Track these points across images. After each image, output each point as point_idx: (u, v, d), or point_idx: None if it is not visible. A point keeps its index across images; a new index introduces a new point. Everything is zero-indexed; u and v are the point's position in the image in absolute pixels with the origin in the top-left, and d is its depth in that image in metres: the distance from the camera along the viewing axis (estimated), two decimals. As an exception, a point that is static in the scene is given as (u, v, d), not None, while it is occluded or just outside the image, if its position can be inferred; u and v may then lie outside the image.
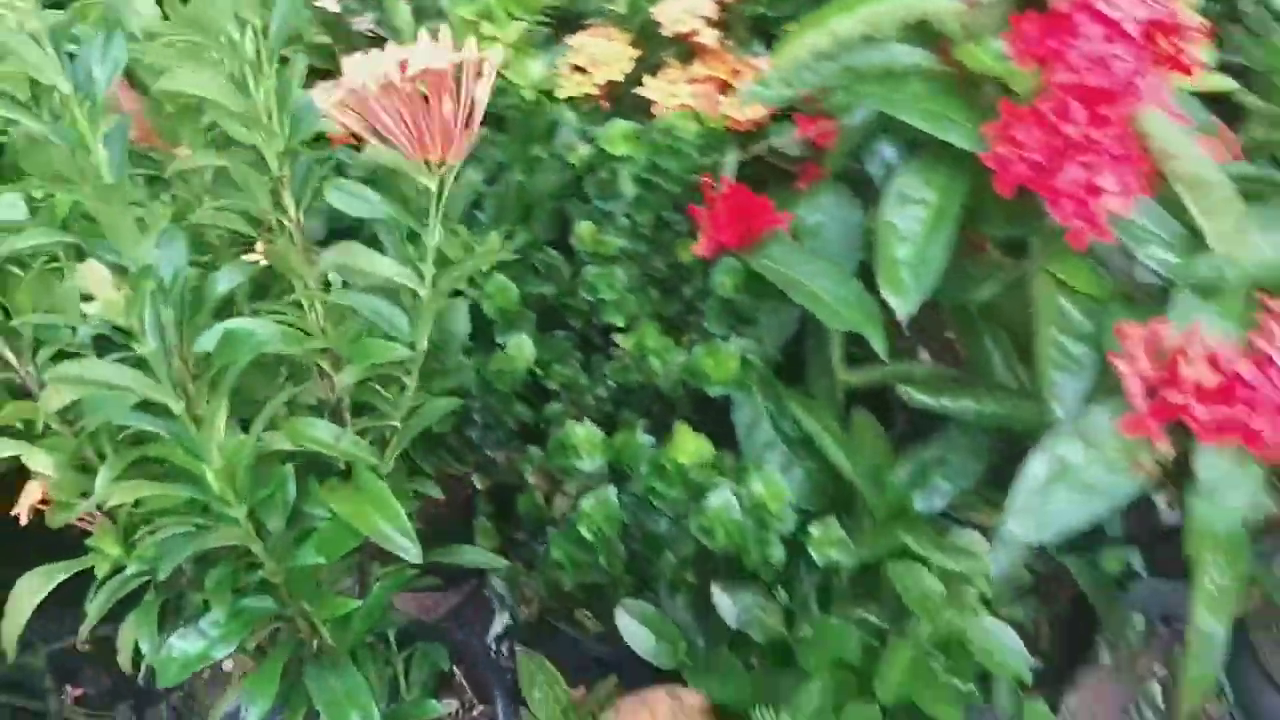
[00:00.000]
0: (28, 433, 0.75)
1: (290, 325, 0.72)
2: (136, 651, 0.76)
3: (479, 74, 0.64)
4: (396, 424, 0.76)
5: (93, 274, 0.59)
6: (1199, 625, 0.76)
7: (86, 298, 0.59)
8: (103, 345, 0.73)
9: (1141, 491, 0.75)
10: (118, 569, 0.74)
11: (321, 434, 0.72)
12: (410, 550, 0.68)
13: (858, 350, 0.89)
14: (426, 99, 0.64)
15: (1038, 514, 0.76)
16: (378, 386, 0.76)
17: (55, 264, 0.74)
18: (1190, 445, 0.73)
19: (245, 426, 0.72)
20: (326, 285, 0.74)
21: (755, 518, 0.84)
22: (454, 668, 0.90)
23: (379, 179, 0.72)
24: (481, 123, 0.66)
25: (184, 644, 0.71)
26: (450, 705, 0.90)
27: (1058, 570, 1.01)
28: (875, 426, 0.93)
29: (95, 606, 0.75)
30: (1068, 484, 0.76)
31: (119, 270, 0.62)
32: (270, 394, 0.73)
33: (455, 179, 0.67)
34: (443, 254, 0.70)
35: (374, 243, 0.71)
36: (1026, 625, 0.95)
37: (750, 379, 0.90)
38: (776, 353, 0.94)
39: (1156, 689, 1.26)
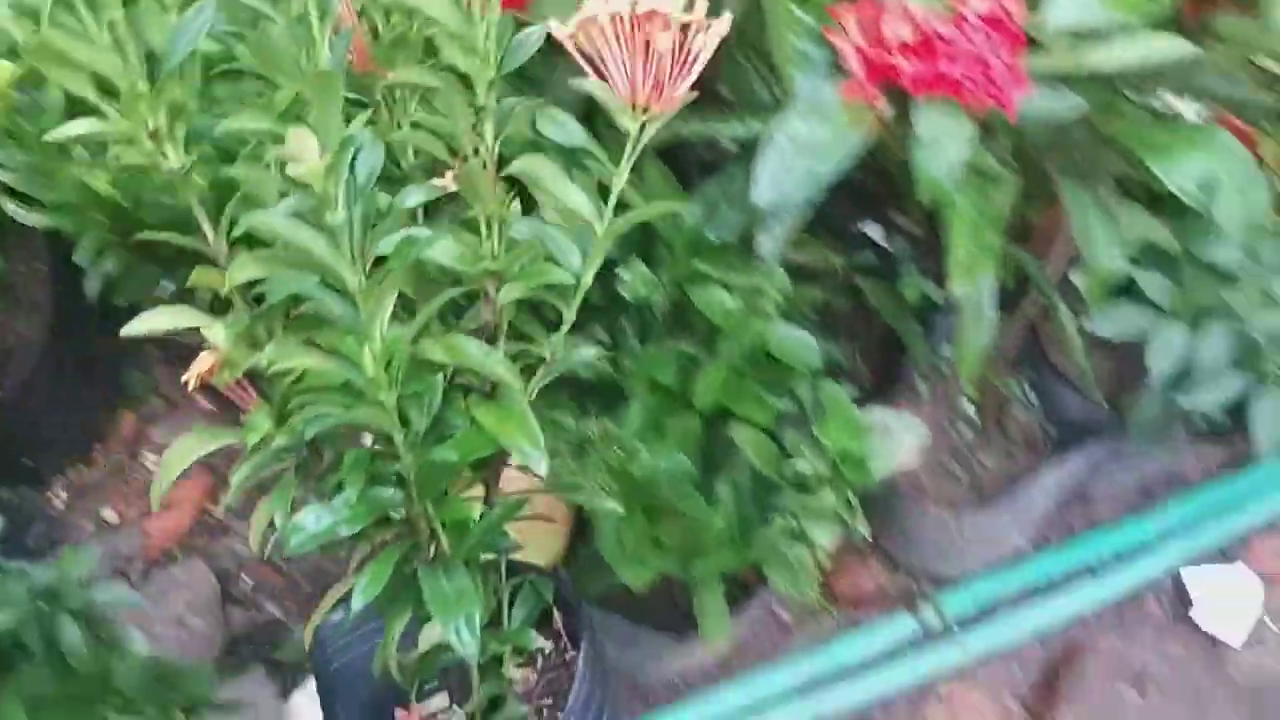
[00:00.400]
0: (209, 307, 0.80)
1: (467, 246, 0.76)
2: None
3: (704, 30, 0.68)
4: (545, 356, 0.79)
5: (301, 140, 0.64)
6: (957, 293, 0.86)
7: (292, 162, 0.64)
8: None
9: (865, 146, 0.83)
10: (265, 442, 0.79)
11: (474, 352, 0.75)
12: (541, 464, 0.71)
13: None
14: (649, 45, 0.67)
15: (779, 180, 0.83)
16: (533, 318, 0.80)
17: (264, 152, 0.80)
18: (909, 105, 0.82)
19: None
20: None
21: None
22: (555, 610, 0.92)
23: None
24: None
25: (313, 518, 0.74)
26: (546, 645, 0.92)
27: (863, 307, 1.16)
28: (666, 173, 1.01)
29: (239, 476, 0.80)
30: (803, 151, 0.83)
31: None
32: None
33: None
34: (623, 198, 0.74)
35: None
36: (840, 360, 1.03)
37: (545, 145, 0.94)
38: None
39: (969, 406, 1.44)
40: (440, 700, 0.96)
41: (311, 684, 1.35)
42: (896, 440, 1.16)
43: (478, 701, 0.87)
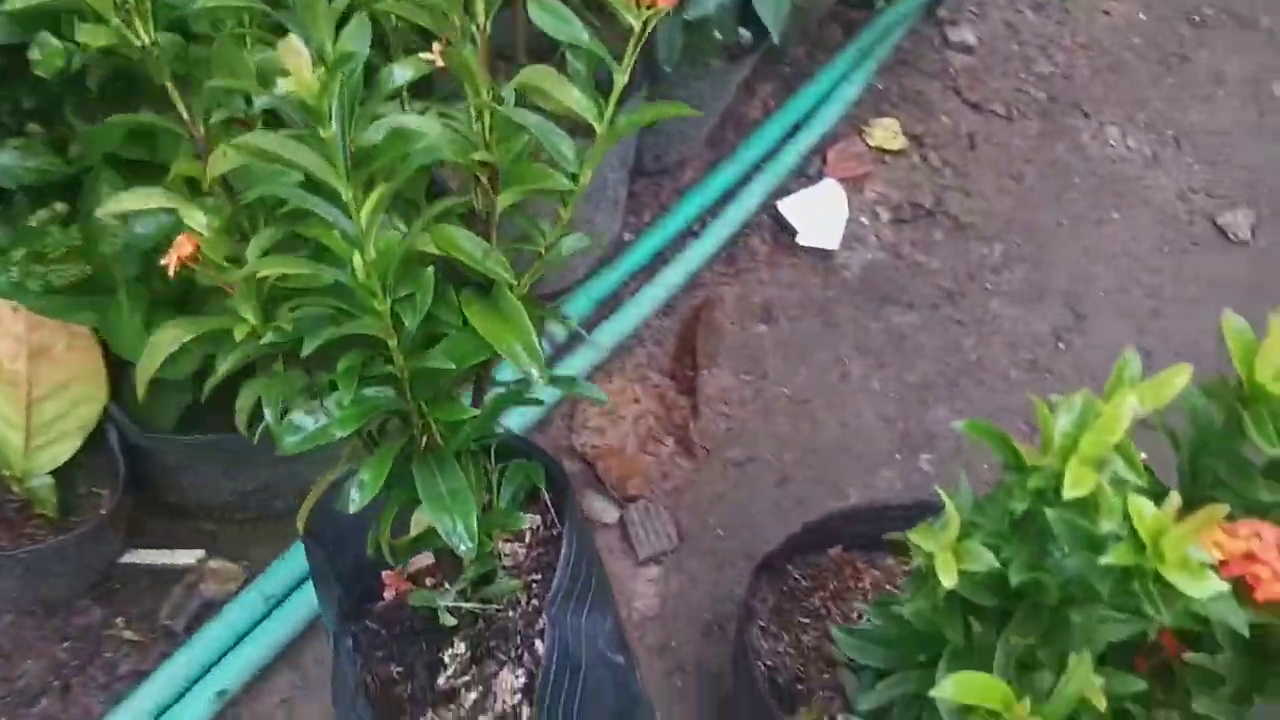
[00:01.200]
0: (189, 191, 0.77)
1: (458, 133, 0.73)
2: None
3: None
4: (541, 251, 0.77)
5: (293, 51, 0.60)
6: None
7: (282, 73, 0.60)
8: (271, 120, 0.75)
9: None
10: (252, 335, 0.77)
11: (467, 245, 0.73)
12: (534, 372, 0.70)
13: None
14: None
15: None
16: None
17: (243, 32, 0.76)
18: None
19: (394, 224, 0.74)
20: (499, 100, 0.74)
21: None
22: (542, 488, 0.93)
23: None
24: None
25: (306, 419, 0.73)
26: (534, 520, 0.93)
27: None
28: None
29: (225, 367, 0.78)
30: None
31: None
32: (425, 197, 0.75)
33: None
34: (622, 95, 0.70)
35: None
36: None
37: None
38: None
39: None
40: (425, 557, 0.97)
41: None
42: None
43: (469, 578, 0.89)
